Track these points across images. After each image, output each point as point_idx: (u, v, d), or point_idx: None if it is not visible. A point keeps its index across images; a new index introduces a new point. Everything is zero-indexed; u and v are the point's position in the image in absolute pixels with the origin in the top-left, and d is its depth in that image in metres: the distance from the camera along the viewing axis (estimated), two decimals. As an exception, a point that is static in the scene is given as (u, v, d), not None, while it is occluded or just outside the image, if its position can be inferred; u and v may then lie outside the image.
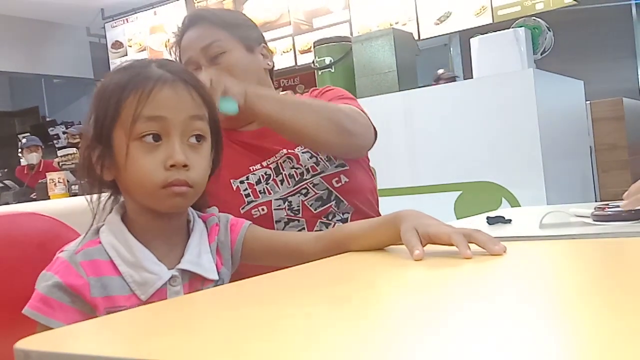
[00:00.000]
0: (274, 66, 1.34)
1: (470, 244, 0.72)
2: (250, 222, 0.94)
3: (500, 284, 0.63)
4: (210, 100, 0.87)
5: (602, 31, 4.57)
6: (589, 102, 3.13)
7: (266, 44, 1.34)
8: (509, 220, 1.08)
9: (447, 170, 2.44)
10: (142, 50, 6.13)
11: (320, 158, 1.24)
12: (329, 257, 0.83)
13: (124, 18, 6.33)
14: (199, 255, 0.85)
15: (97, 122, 0.83)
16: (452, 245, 0.73)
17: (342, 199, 1.23)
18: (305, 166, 1.23)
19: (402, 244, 0.77)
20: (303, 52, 4.92)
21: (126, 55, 6.20)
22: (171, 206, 0.82)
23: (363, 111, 1.28)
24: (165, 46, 5.79)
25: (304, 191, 1.22)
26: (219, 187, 1.09)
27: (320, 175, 1.23)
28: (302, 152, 1.24)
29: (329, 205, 1.22)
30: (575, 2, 3.84)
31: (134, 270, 0.80)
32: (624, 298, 0.50)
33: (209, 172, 0.86)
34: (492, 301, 0.53)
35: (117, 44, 6.38)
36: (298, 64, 4.98)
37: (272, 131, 1.25)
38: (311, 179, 1.23)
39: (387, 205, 1.26)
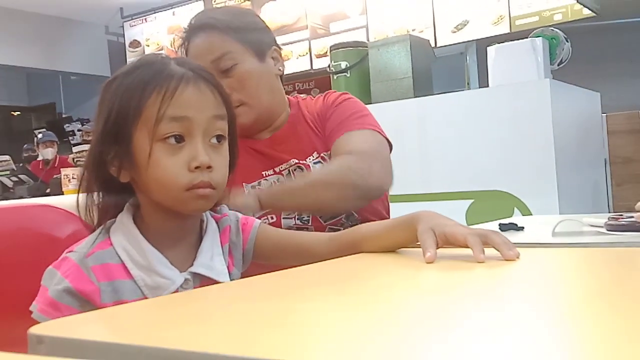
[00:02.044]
0: (284, 70, 1.32)
1: (485, 248, 0.72)
2: (260, 221, 0.94)
3: (511, 290, 0.63)
4: (228, 98, 0.85)
5: (620, 44, 4.54)
6: (605, 114, 3.11)
7: (278, 46, 1.31)
8: (522, 228, 1.07)
9: (459, 178, 2.44)
10: (159, 50, 6.17)
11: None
12: (344, 256, 0.83)
13: (143, 17, 6.38)
14: (212, 258, 0.84)
15: (115, 120, 0.80)
16: (467, 247, 0.72)
17: (352, 211, 1.23)
18: None
19: (417, 246, 0.77)
20: (319, 56, 4.93)
21: (143, 54, 6.25)
22: (195, 209, 0.81)
23: (377, 127, 1.25)
24: (171, 45, 5.82)
25: None
26: (232, 191, 1.10)
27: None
28: (314, 162, 1.24)
29: (339, 217, 1.22)
30: (594, 14, 3.82)
31: (147, 274, 0.79)
32: (635, 306, 0.50)
33: (228, 173, 0.85)
34: (501, 308, 0.53)
35: (135, 43, 6.43)
36: (314, 67, 4.99)
37: (283, 140, 1.25)
38: None
39: (398, 212, 1.25)
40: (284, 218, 1.20)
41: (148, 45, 6.31)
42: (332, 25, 4.89)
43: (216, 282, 0.82)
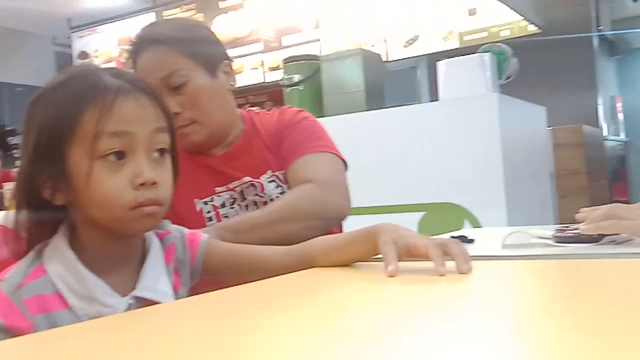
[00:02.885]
0: (236, 84, 1.29)
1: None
2: (208, 235, 0.91)
3: (470, 303, 0.63)
4: (168, 110, 0.81)
5: (564, 60, 4.69)
6: (550, 128, 3.20)
7: (229, 59, 1.28)
8: (472, 240, 1.09)
9: (412, 190, 2.46)
10: (108, 62, 6.06)
11: (288, 188, 1.22)
12: (297, 271, 0.82)
13: (92, 28, 6.25)
14: (156, 280, 0.79)
15: (47, 140, 0.74)
16: (429, 259, 0.73)
17: None
18: (270, 196, 1.21)
19: (376, 259, 0.77)
20: (272, 69, 4.92)
21: (92, 66, 6.11)
22: (141, 228, 0.77)
23: (333, 149, 1.24)
24: (120, 56, 5.72)
25: None
26: (181, 205, 1.07)
27: None
28: (268, 181, 1.22)
29: None
30: (539, 31, 3.94)
31: (87, 303, 0.74)
32: (584, 316, 0.51)
33: (173, 187, 0.81)
34: (459, 321, 0.53)
35: (83, 54, 6.28)
36: (266, 80, 4.98)
37: (237, 157, 1.23)
38: None
39: (352, 224, 1.25)
40: None
41: (97, 57, 6.18)
42: (285, 39, 4.90)
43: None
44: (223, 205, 1.21)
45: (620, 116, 9.70)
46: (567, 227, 1.02)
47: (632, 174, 8.10)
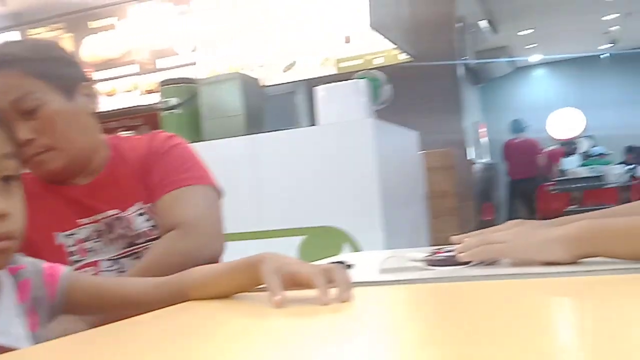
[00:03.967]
0: (98, 107, 1.21)
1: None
2: (70, 268, 0.84)
3: (352, 334, 0.62)
4: (14, 135, 0.74)
5: (433, 87, 4.95)
6: (422, 152, 3.35)
7: (90, 81, 1.20)
8: (351, 266, 1.09)
9: (291, 215, 2.46)
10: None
11: (158, 224, 1.15)
12: (171, 305, 0.78)
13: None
14: (9, 322, 0.72)
15: None
16: (313, 287, 0.71)
17: None
18: (138, 230, 1.14)
19: (258, 289, 0.75)
20: (147, 92, 4.78)
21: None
22: None
23: (206, 179, 1.19)
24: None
25: (138, 254, 1.13)
26: (37, 238, 0.99)
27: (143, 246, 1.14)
28: (137, 214, 1.14)
29: None
30: (410, 59, 4.13)
31: None
32: (462, 341, 0.51)
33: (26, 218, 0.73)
34: (342, 352, 0.52)
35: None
36: (142, 104, 4.83)
37: (102, 187, 1.15)
38: (145, 244, 1.13)
39: (232, 250, 1.22)
40: (102, 271, 1.11)
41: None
42: (160, 61, 4.79)
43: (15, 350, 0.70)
44: (88, 239, 1.12)
45: (485, 140, 10.39)
46: (440, 249, 1.06)
47: (497, 194, 8.68)
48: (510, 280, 0.81)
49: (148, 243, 1.13)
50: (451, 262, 0.94)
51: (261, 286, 0.75)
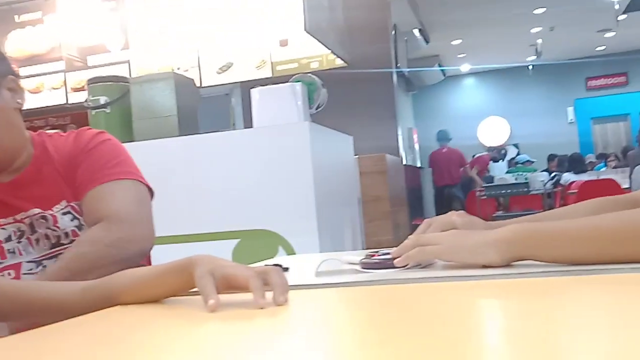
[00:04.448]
0: (24, 102, 1.15)
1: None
2: None
3: (288, 337, 0.61)
4: None
5: (368, 93, 5.02)
6: (357, 156, 3.38)
7: (16, 76, 1.15)
8: (287, 269, 1.08)
9: (226, 218, 2.43)
10: None
11: (84, 222, 1.11)
12: (98, 310, 0.74)
13: None
14: None
15: None
16: (249, 290, 0.70)
17: None
18: (64, 229, 1.09)
19: (191, 293, 0.72)
20: (76, 89, 4.62)
21: None
22: None
23: (136, 175, 1.16)
24: None
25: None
26: None
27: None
28: (62, 213, 1.09)
29: None
30: (345, 65, 4.17)
31: None
32: (397, 343, 0.51)
33: None
34: (276, 355, 0.51)
35: None
36: (70, 102, 4.66)
37: (25, 185, 1.10)
38: (70, 245, 1.09)
39: (163, 254, 1.18)
40: (24, 274, 1.05)
41: None
42: (91, 58, 4.64)
43: None
44: (9, 239, 1.06)
45: (417, 146, 10.60)
46: (376, 252, 1.06)
47: (427, 199, 8.89)
48: (444, 283, 0.82)
49: (73, 243, 1.09)
50: (387, 264, 0.95)
51: (194, 290, 0.73)
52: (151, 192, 1.19)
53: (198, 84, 3.88)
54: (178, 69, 4.33)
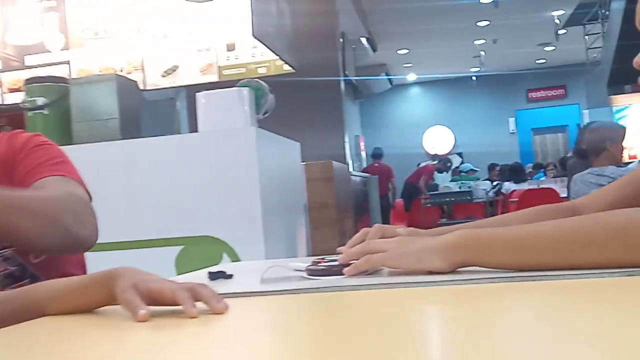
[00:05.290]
0: None
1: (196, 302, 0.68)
2: None
3: (225, 344, 0.59)
4: None
5: (316, 100, 5.02)
6: (304, 163, 3.37)
7: None
8: (231, 276, 1.06)
9: (169, 224, 2.37)
10: None
11: None
12: (19, 322, 0.70)
13: None
14: None
15: None
16: (177, 304, 0.67)
17: (39, 276, 1.06)
18: None
19: (117, 304, 0.68)
20: (12, 90, 4.45)
21: None
22: None
23: (77, 177, 1.12)
24: None
25: None
26: None
27: (13, 249, 1.05)
28: None
29: (22, 283, 1.04)
30: (293, 71, 4.16)
31: None
32: (341, 351, 0.50)
33: None
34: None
35: None
36: (5, 102, 4.48)
37: None
38: (0, 252, 1.04)
39: (103, 262, 1.13)
40: None
41: None
42: (28, 58, 4.48)
43: None
44: None
45: (363, 154, 10.72)
46: (322, 259, 1.05)
47: (372, 207, 8.97)
48: (390, 290, 0.81)
49: (4, 251, 1.03)
50: (333, 271, 0.94)
51: (117, 305, 0.69)
52: (90, 197, 1.15)
53: (142, 87, 3.80)
54: (121, 70, 4.23)
